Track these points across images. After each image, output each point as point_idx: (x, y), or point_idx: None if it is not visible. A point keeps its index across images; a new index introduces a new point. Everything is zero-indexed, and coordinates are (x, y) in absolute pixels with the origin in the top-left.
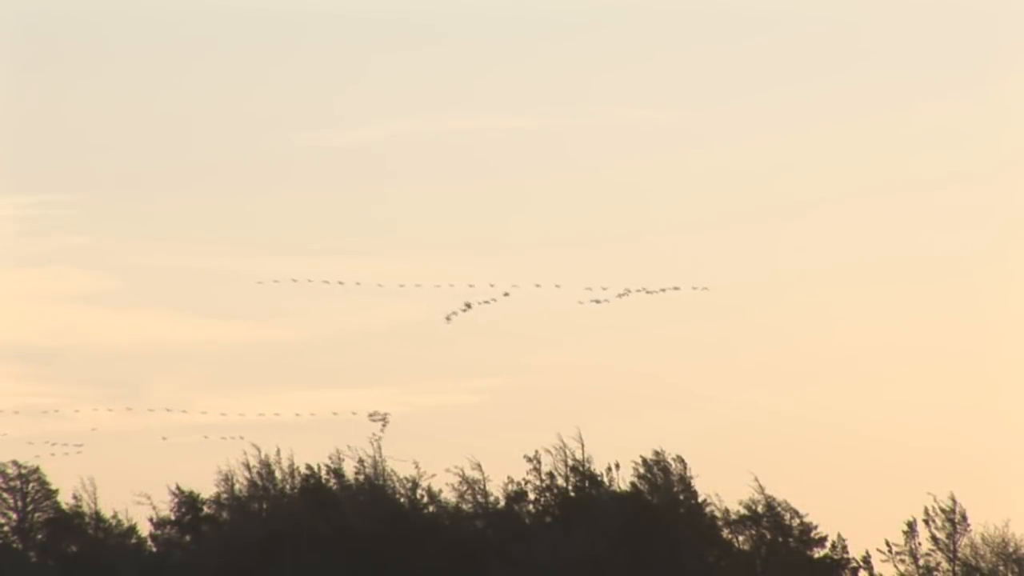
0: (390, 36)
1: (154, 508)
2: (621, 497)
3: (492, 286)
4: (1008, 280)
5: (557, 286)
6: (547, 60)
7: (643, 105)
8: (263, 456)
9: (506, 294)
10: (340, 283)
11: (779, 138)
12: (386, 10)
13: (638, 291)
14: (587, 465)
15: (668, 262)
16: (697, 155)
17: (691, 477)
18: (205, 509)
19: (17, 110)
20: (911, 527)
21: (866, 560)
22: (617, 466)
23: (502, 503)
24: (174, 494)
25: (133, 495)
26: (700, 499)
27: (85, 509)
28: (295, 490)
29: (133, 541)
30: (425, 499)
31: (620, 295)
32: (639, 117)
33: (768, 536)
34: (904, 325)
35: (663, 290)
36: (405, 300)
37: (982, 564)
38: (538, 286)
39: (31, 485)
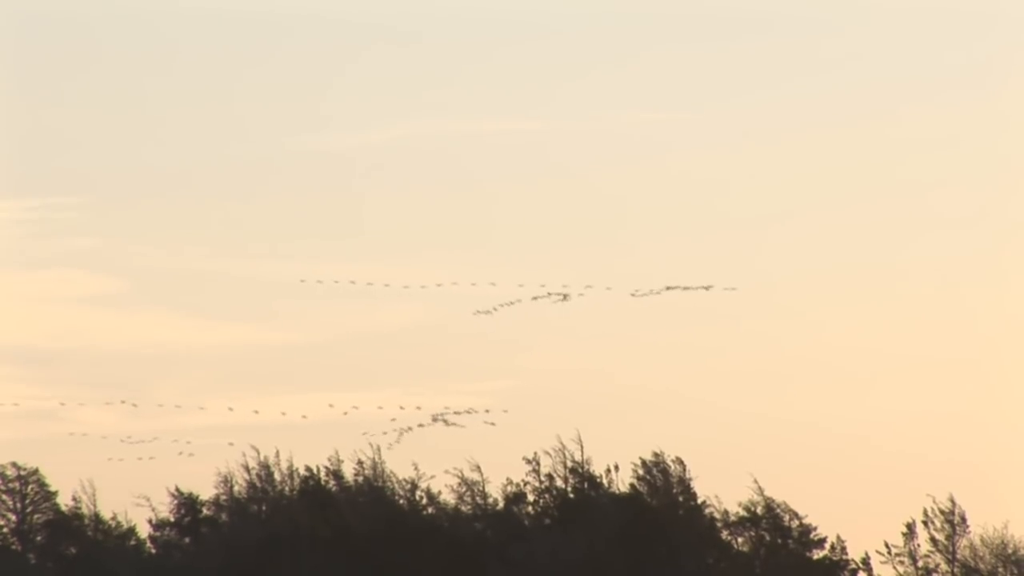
0: (396, 38)
1: (153, 510)
2: (620, 499)
3: (493, 284)
4: (1006, 283)
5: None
6: (550, 62)
7: (640, 108)
8: (262, 458)
9: (564, 297)
10: (335, 282)
11: (776, 141)
12: (390, 13)
13: (682, 288)
14: (586, 467)
15: (667, 264)
16: (696, 159)
17: (690, 479)
18: (204, 511)
19: (20, 113)
20: (910, 529)
21: (865, 562)
22: (616, 468)
23: (501, 505)
24: (173, 496)
25: (132, 497)
26: (699, 501)
27: (84, 511)
28: (294, 492)
29: (132, 543)
30: (424, 500)
31: (658, 292)
32: (636, 120)
33: (767, 538)
34: (903, 327)
35: (699, 287)
36: (405, 303)
37: (981, 566)
38: (521, 285)
39: (30, 487)
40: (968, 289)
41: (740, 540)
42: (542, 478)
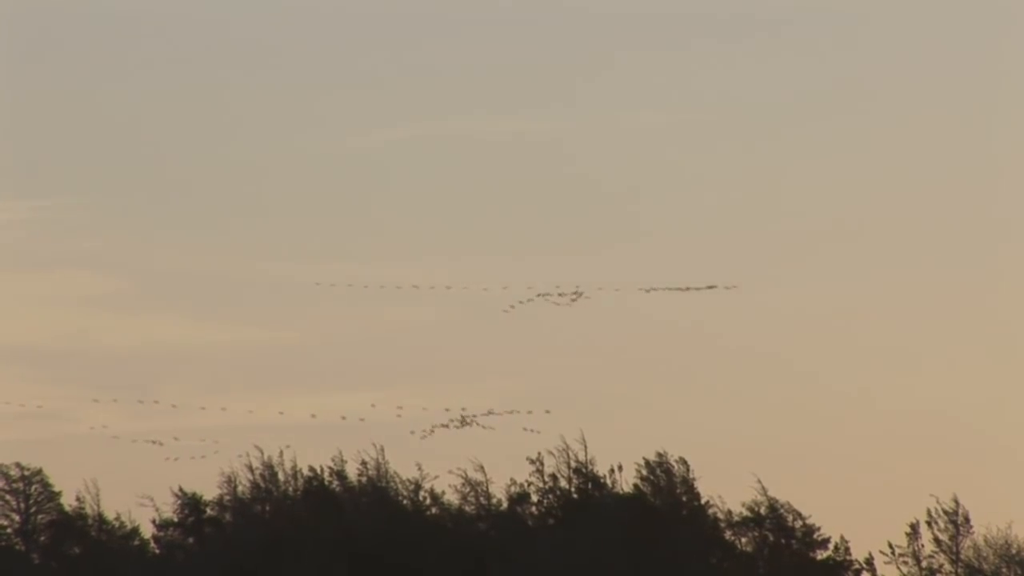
0: (402, 39)
1: (157, 510)
2: (624, 499)
3: (505, 288)
4: (1009, 281)
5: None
6: (560, 62)
7: (641, 107)
8: (266, 458)
9: (574, 297)
10: (349, 285)
11: (777, 140)
12: (391, 13)
13: (684, 288)
14: (590, 467)
15: (670, 263)
16: (696, 158)
17: (694, 479)
18: (208, 511)
19: (26, 113)
20: (914, 529)
21: (869, 562)
22: (620, 468)
23: (505, 505)
24: (177, 496)
25: (136, 497)
26: (703, 501)
27: (88, 511)
28: (298, 492)
29: (136, 543)
30: (428, 501)
31: (670, 289)
32: (637, 120)
33: (771, 538)
34: (906, 328)
35: (703, 287)
36: (409, 303)
37: (985, 566)
38: (530, 288)
39: (34, 487)
40: (971, 288)
41: (744, 540)
42: (546, 478)
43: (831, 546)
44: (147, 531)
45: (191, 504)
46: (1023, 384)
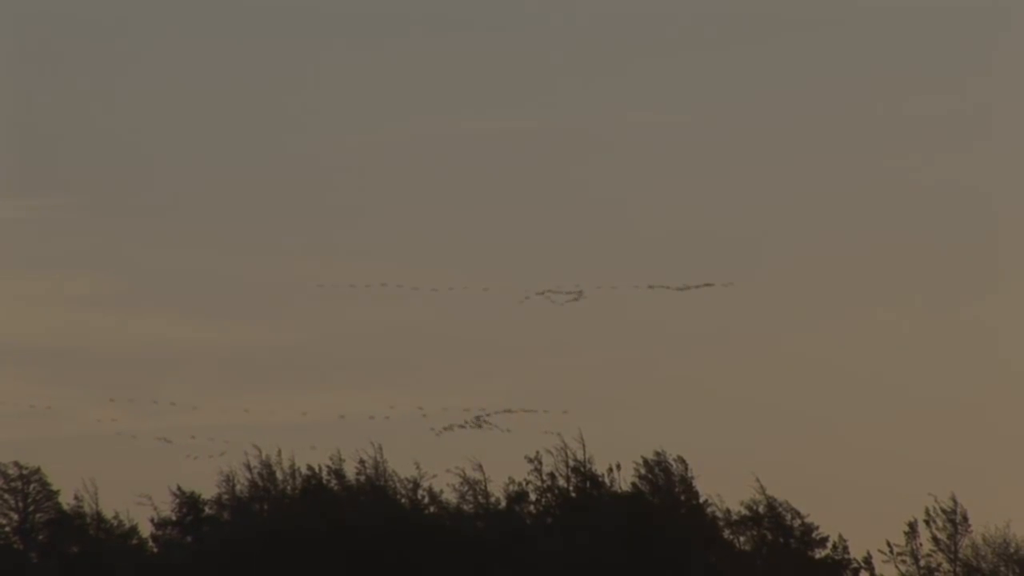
0: (402, 38)
1: (155, 509)
2: (622, 498)
3: (506, 287)
4: (1010, 278)
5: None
6: (560, 61)
7: (641, 108)
8: (264, 457)
9: (575, 296)
10: (351, 286)
11: (775, 140)
12: (391, 13)
13: (680, 287)
14: (588, 466)
15: (671, 261)
16: (695, 158)
17: (692, 477)
18: (206, 510)
19: (22, 111)
20: (912, 528)
21: (867, 561)
22: (618, 467)
23: (503, 504)
24: (175, 495)
25: (134, 496)
26: (701, 500)
27: (86, 510)
28: (296, 491)
29: (134, 542)
30: (426, 500)
31: (646, 288)
32: (637, 121)
33: (769, 537)
34: (905, 324)
35: (700, 285)
36: (409, 303)
37: (983, 565)
38: (527, 294)
39: (32, 486)
40: (969, 286)
41: (742, 539)
42: (544, 477)
43: (829, 545)
44: (145, 530)
45: (189, 503)
46: (1021, 382)
